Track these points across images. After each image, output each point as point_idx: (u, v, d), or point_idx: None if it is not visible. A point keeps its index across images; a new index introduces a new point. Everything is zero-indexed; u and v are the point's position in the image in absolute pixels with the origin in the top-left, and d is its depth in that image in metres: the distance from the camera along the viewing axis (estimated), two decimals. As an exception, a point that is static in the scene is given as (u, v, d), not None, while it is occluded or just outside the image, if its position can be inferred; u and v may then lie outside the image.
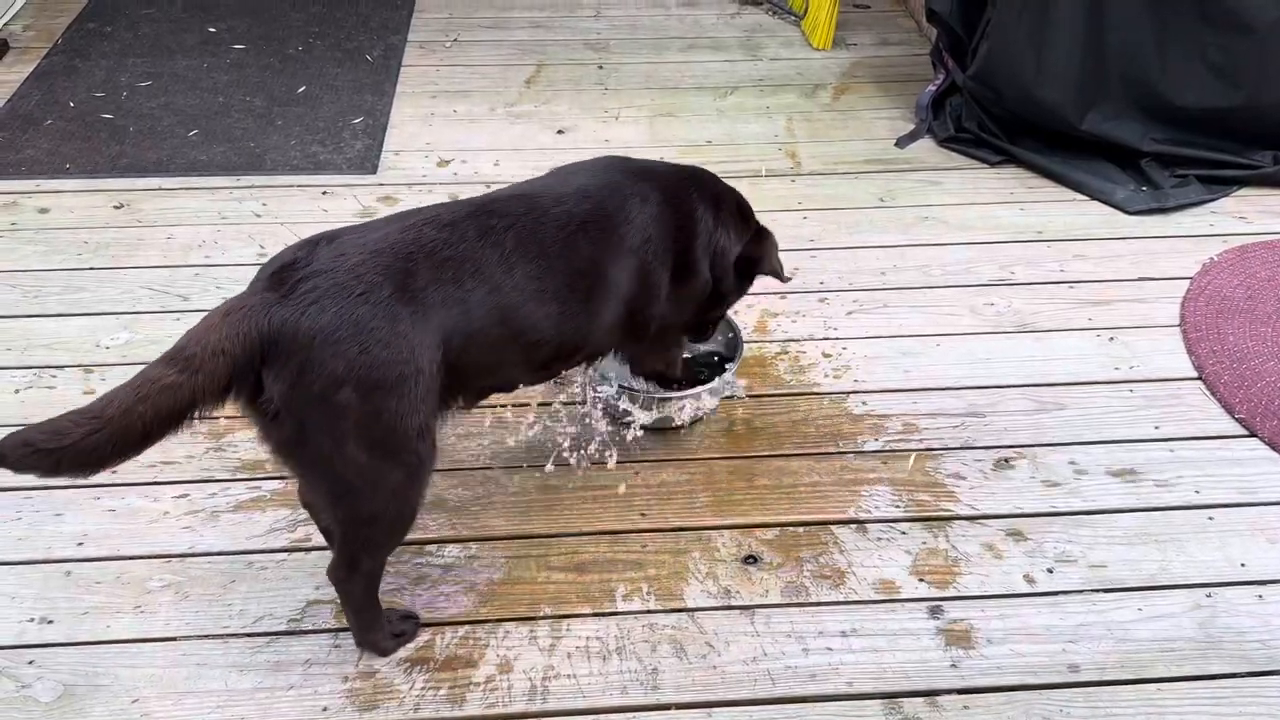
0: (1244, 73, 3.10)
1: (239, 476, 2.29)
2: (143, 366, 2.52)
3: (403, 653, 1.94)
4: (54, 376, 2.52)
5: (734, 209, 2.18)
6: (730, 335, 2.50)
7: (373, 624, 1.91)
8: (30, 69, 3.76)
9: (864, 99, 3.72)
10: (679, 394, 2.32)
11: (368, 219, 3.02)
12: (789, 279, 2.37)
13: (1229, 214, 3.12)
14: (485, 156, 3.37)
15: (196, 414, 1.59)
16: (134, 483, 2.26)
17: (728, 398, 2.48)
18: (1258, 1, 3.00)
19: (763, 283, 2.82)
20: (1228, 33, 3.05)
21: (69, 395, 2.46)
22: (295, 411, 1.61)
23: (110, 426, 1.52)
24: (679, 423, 2.36)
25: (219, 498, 2.24)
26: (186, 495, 2.24)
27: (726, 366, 2.44)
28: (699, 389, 2.34)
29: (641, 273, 1.97)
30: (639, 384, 2.32)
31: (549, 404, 2.45)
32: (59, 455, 1.50)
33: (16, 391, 2.48)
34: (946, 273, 2.90)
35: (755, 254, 2.21)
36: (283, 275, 1.63)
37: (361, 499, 1.72)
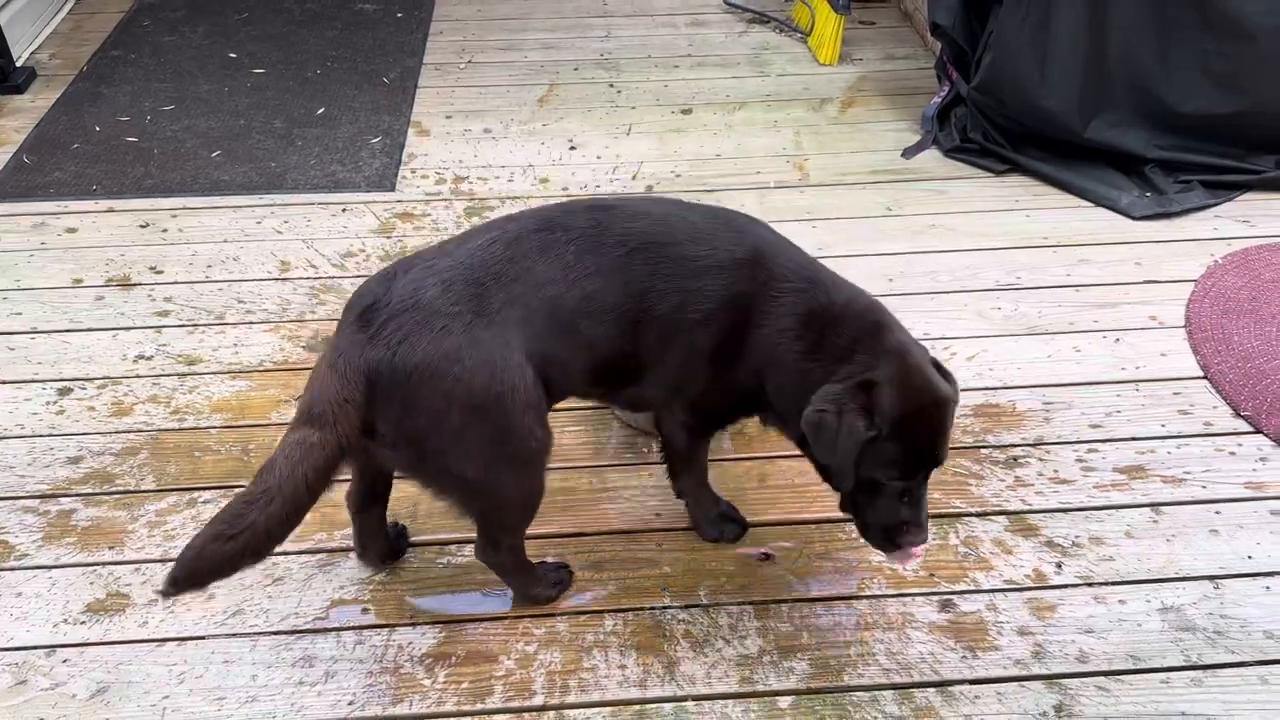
0: (1245, 79, 3.15)
1: (264, 482, 2.35)
2: (172, 379, 2.61)
3: (423, 648, 2.00)
4: (84, 389, 2.59)
5: (853, 342, 1.78)
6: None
7: (530, 582, 2.06)
8: (57, 95, 3.87)
9: (870, 112, 3.79)
10: None
11: (386, 235, 3.12)
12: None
13: (1232, 218, 3.16)
14: (499, 172, 3.44)
15: (344, 462, 1.69)
16: (165, 489, 2.32)
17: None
18: (1258, 9, 3.06)
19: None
20: (1229, 40, 3.10)
21: (99, 408, 2.53)
22: (410, 441, 1.72)
23: (281, 495, 1.61)
24: None
25: (245, 503, 2.30)
26: (212, 501, 2.30)
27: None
28: None
29: (681, 343, 1.85)
30: None
31: (564, 409, 2.50)
32: (245, 536, 1.59)
33: (49, 403, 2.55)
34: (954, 278, 2.95)
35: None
36: (367, 316, 1.70)
37: (487, 497, 1.84)
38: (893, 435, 1.71)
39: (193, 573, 1.59)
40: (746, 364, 1.84)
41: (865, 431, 1.69)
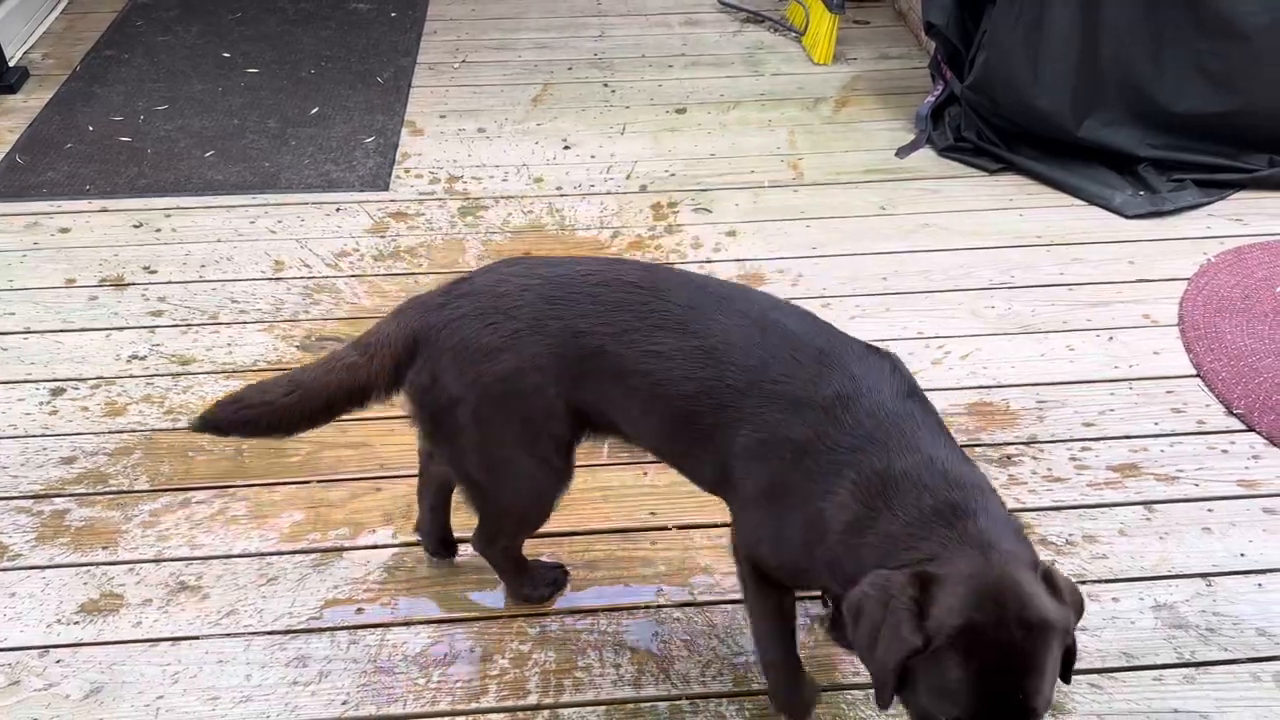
0: (1238, 78, 3.15)
1: (256, 481, 2.35)
2: (165, 379, 2.61)
3: (418, 647, 2.00)
4: (77, 389, 2.59)
5: (930, 514, 1.41)
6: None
7: (523, 581, 2.05)
8: (50, 95, 3.86)
9: (864, 111, 3.79)
10: None
11: (380, 235, 3.12)
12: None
13: (1225, 217, 3.17)
14: (494, 172, 3.44)
15: (373, 397, 1.75)
16: (158, 489, 2.32)
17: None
18: (1251, 9, 3.06)
19: (767, 289, 2.91)
20: (1221, 39, 3.11)
21: (92, 408, 2.53)
22: (427, 412, 1.75)
23: (302, 390, 1.72)
24: None
25: (236, 499, 2.30)
26: (206, 501, 2.30)
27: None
28: None
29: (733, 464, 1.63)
30: None
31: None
32: (262, 410, 1.72)
33: (42, 404, 2.55)
34: (948, 277, 2.96)
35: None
36: (451, 287, 1.75)
37: (485, 498, 1.86)
38: (951, 654, 1.28)
39: (212, 422, 1.75)
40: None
41: (911, 637, 1.30)
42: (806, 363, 1.58)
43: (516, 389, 1.68)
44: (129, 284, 2.94)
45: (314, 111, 3.79)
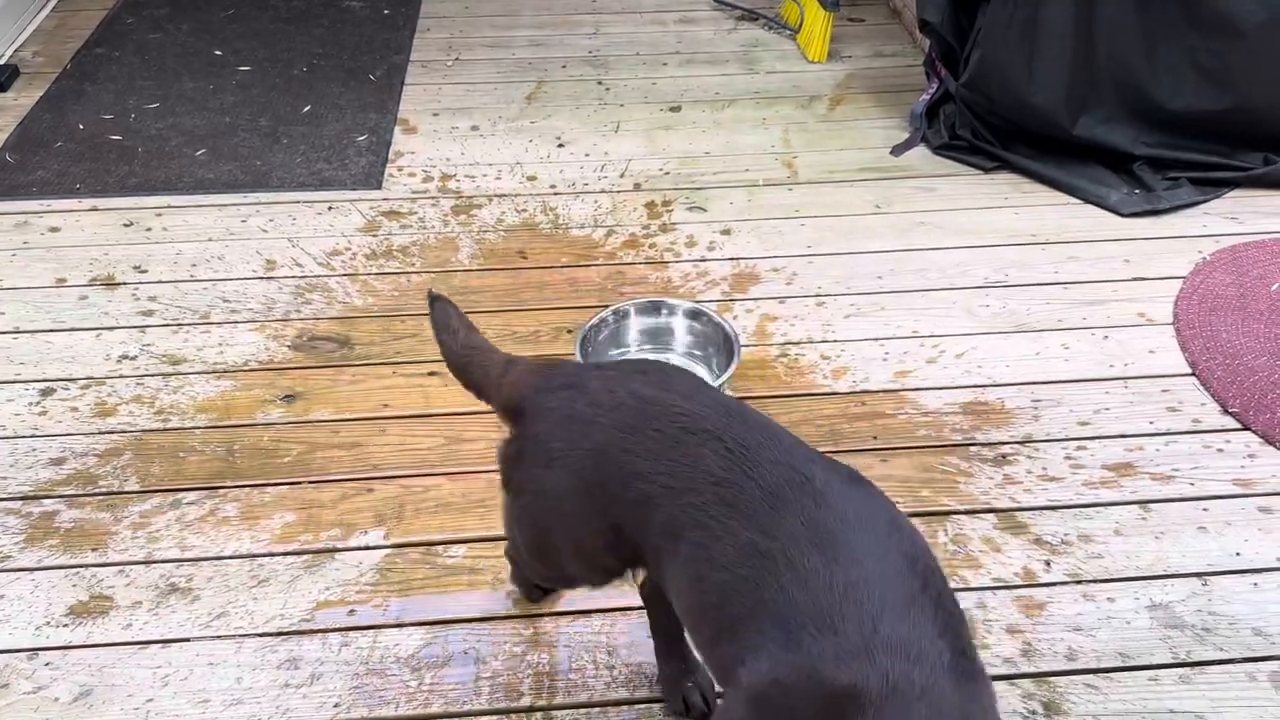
0: (1233, 76, 3.14)
1: (247, 482, 2.33)
2: (156, 379, 2.60)
3: (410, 649, 1.98)
4: (67, 390, 2.57)
5: None
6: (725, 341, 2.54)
7: (524, 580, 2.06)
8: (40, 93, 3.83)
9: (859, 109, 3.78)
10: None
11: (372, 234, 3.10)
12: None
13: (1221, 215, 3.17)
14: (487, 170, 3.42)
15: (483, 397, 1.79)
16: (149, 490, 2.30)
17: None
18: (1247, 5, 3.05)
19: (762, 288, 2.90)
20: (1216, 37, 3.10)
21: (82, 408, 2.51)
22: (503, 477, 1.73)
23: (464, 357, 1.81)
24: None
25: (227, 500, 2.28)
26: (197, 502, 2.28)
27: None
28: None
29: None
30: None
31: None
32: (444, 336, 1.83)
33: (31, 404, 2.53)
34: (942, 276, 2.95)
35: None
36: (559, 371, 1.70)
37: (527, 562, 1.88)
38: None
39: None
40: None
41: None
42: (858, 630, 1.25)
43: (564, 509, 1.63)
44: (119, 283, 2.92)
45: (306, 110, 3.77)
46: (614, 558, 1.62)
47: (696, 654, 1.73)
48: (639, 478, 1.49)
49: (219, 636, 2.01)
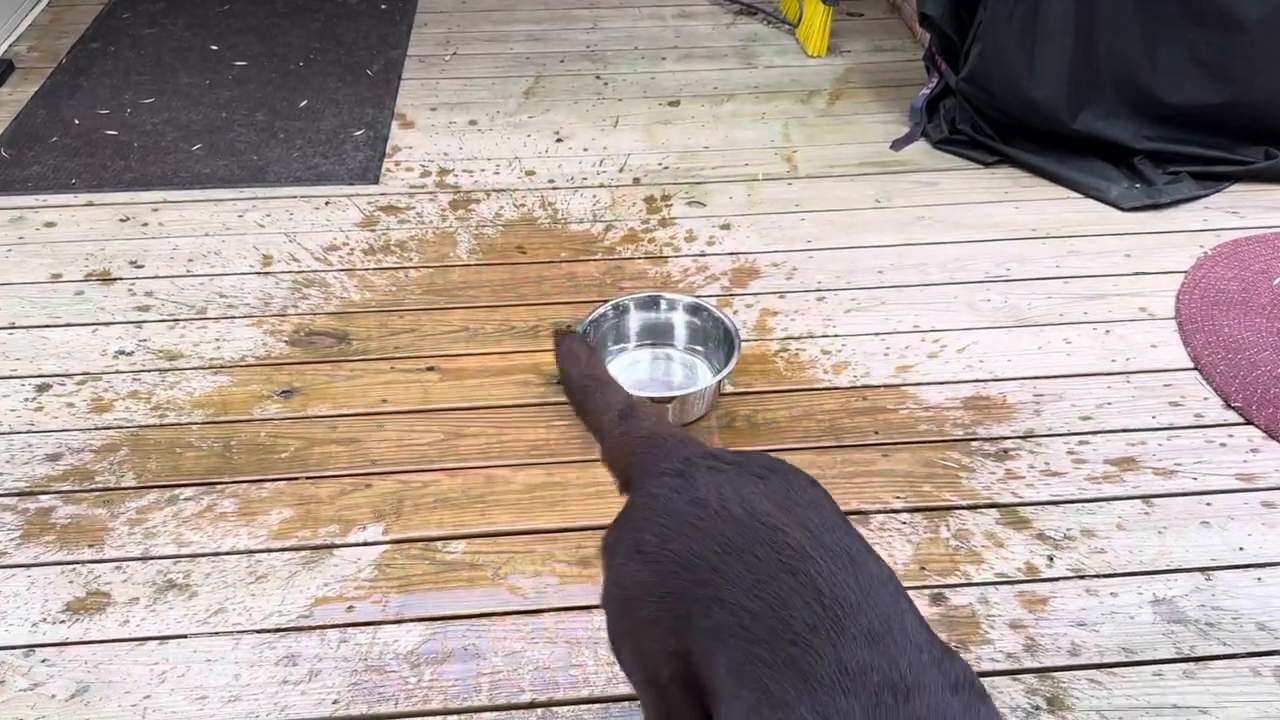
0: (1234, 70, 3.13)
1: (244, 477, 2.31)
2: (152, 375, 2.58)
3: (409, 646, 1.97)
4: (63, 385, 2.55)
5: None
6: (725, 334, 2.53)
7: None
8: (35, 88, 3.81)
9: (859, 104, 3.77)
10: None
11: (370, 229, 3.08)
12: None
13: (1222, 209, 3.16)
14: (485, 165, 3.41)
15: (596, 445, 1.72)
16: (145, 486, 2.29)
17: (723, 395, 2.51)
18: None
19: (762, 282, 2.89)
20: (1217, 30, 3.09)
21: (78, 404, 2.50)
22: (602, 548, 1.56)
23: (585, 388, 1.73)
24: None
25: (225, 496, 2.27)
26: (194, 498, 2.27)
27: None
28: (685, 391, 2.40)
29: None
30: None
31: (552, 403, 2.48)
32: (566, 362, 1.78)
33: (27, 400, 2.51)
34: (943, 270, 2.94)
35: None
36: (670, 457, 1.51)
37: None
38: None
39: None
40: None
41: None
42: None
43: (642, 612, 1.41)
44: (115, 279, 2.91)
45: (303, 104, 3.75)
46: (680, 685, 1.39)
47: None
48: (719, 604, 1.31)
49: (216, 633, 2.00)
